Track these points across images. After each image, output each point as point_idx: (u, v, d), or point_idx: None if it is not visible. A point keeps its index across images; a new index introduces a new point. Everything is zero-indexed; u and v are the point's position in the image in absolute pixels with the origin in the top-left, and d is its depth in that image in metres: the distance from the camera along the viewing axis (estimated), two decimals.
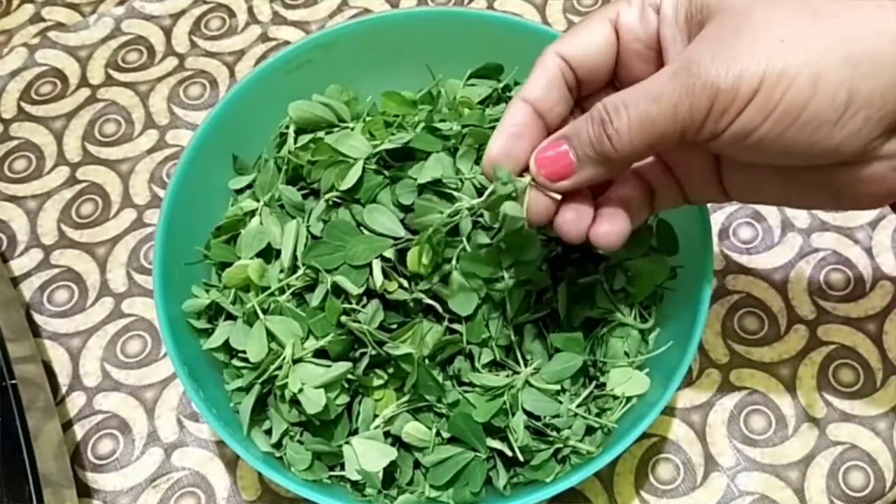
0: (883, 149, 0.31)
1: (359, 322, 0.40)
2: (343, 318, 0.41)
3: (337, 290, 0.41)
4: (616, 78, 0.36)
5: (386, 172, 0.43)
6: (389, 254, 0.41)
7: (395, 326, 0.41)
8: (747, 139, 0.30)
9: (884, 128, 0.30)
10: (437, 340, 0.41)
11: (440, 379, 0.41)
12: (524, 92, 0.35)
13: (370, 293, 0.41)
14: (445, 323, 0.41)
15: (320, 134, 0.47)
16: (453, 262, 0.40)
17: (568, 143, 0.33)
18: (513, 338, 0.42)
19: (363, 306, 0.41)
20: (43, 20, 0.65)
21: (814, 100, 0.29)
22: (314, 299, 0.41)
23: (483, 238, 0.40)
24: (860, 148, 0.30)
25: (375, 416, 0.42)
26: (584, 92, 0.36)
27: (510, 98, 0.44)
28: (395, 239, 0.41)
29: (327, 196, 0.43)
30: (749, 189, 0.36)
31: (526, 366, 0.42)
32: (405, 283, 0.41)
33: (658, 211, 0.38)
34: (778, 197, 0.36)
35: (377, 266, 0.40)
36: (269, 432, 0.43)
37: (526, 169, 0.35)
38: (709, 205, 0.43)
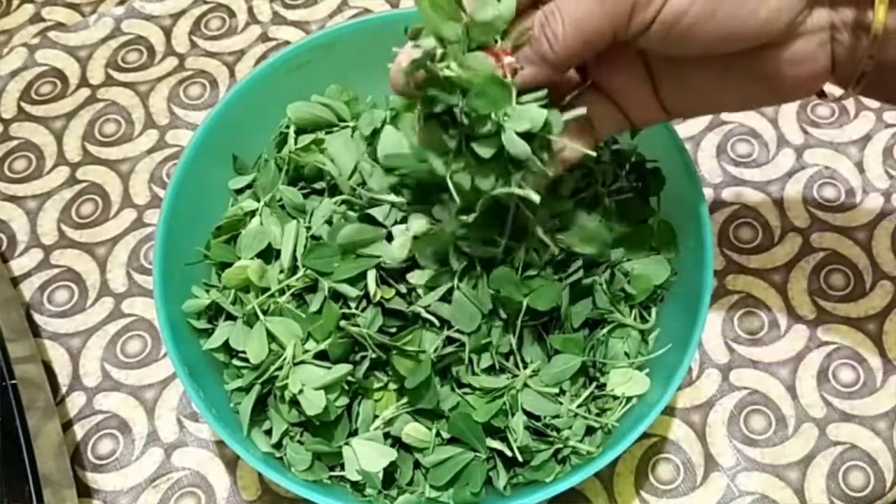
0: (807, 23, 0.32)
1: (358, 326, 0.40)
2: (342, 323, 0.41)
3: (336, 294, 0.41)
4: None
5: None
6: (372, 274, 0.41)
7: (394, 331, 0.41)
8: (678, 25, 0.31)
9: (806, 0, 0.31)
10: (436, 349, 0.41)
11: (438, 385, 0.41)
12: (399, 59, 0.36)
13: (369, 298, 0.41)
14: (445, 332, 0.41)
15: (320, 134, 0.47)
16: (455, 280, 0.40)
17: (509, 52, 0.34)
18: (513, 342, 0.42)
19: (362, 310, 0.41)
20: (43, 20, 0.65)
21: None
22: (313, 304, 0.41)
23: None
24: (787, 22, 0.31)
25: (375, 416, 0.42)
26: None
27: None
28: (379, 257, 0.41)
29: (335, 199, 0.43)
30: (687, 98, 0.37)
31: (525, 368, 0.42)
32: (403, 290, 0.41)
33: (601, 138, 0.39)
34: (716, 100, 0.37)
35: (371, 276, 0.40)
36: (269, 432, 0.43)
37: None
38: (709, 204, 0.43)
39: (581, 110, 0.34)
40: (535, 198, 0.34)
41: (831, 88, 0.36)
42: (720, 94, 0.36)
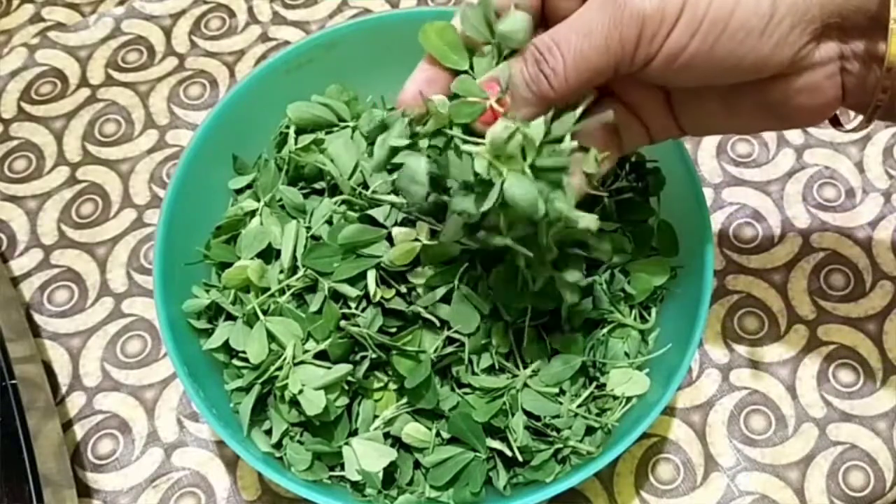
0: (814, 56, 0.31)
1: (358, 326, 0.40)
2: (342, 323, 0.41)
3: (336, 294, 0.41)
4: (543, 17, 0.36)
5: None
6: (372, 274, 0.41)
7: (394, 331, 0.41)
8: (679, 59, 0.31)
9: (811, 34, 0.31)
10: (437, 349, 0.41)
11: (438, 385, 0.41)
12: (401, 95, 0.35)
13: (369, 298, 0.41)
14: (445, 332, 0.41)
15: (321, 134, 0.47)
16: (455, 281, 0.40)
17: (499, 85, 0.33)
18: (513, 342, 0.42)
19: (362, 310, 0.41)
20: (43, 20, 0.65)
21: (738, 9, 0.30)
22: (313, 304, 0.41)
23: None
24: (790, 56, 0.31)
25: (375, 416, 0.42)
26: None
27: None
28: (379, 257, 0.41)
29: (335, 199, 0.43)
30: (699, 121, 0.37)
31: (525, 368, 0.42)
32: (403, 290, 0.41)
33: (627, 151, 0.38)
34: (725, 124, 0.36)
35: (371, 276, 0.40)
36: (269, 432, 0.43)
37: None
38: (709, 204, 0.43)
39: (608, 114, 0.34)
40: (593, 225, 0.33)
41: (844, 114, 0.35)
42: (731, 120, 0.36)
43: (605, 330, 0.43)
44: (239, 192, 0.49)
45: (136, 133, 0.59)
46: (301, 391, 0.40)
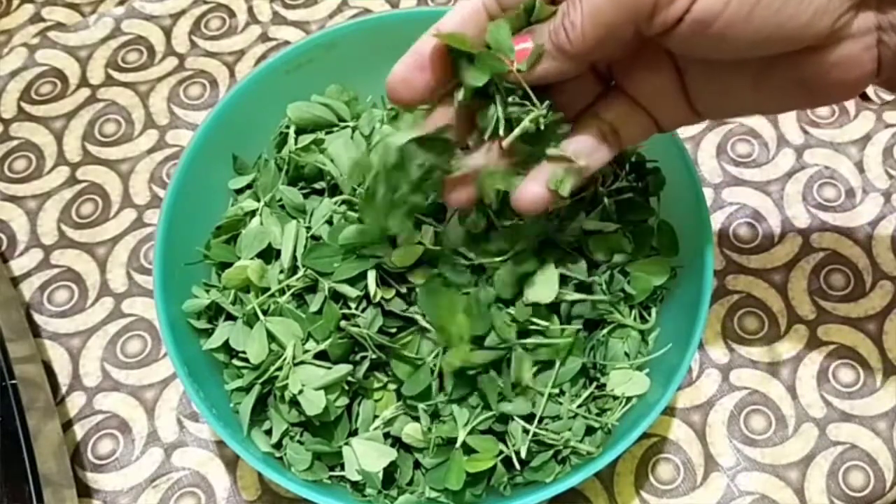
0: (852, 27, 0.30)
1: (358, 326, 0.40)
2: (342, 323, 0.41)
3: (336, 295, 0.41)
4: None
5: None
6: (372, 274, 0.41)
7: (394, 331, 0.41)
8: (711, 27, 0.29)
9: (850, 2, 0.30)
10: (436, 355, 0.41)
11: (434, 386, 0.41)
12: (439, 24, 0.34)
13: (369, 298, 0.41)
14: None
15: (321, 134, 0.47)
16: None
17: (531, 38, 0.33)
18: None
19: (362, 311, 0.41)
20: (43, 20, 0.65)
21: None
22: (313, 304, 0.41)
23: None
24: (829, 25, 0.30)
25: (375, 416, 0.42)
26: None
27: None
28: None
29: (335, 199, 0.43)
30: (719, 102, 0.35)
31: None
32: (403, 290, 0.41)
33: (626, 146, 0.37)
34: (750, 103, 0.35)
35: (371, 276, 0.40)
36: (269, 432, 0.43)
37: (422, 101, 0.35)
38: (709, 204, 0.43)
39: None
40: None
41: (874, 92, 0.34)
42: (755, 98, 0.34)
43: (605, 330, 0.43)
44: (239, 192, 0.49)
45: (136, 133, 0.59)
46: (301, 391, 0.40)
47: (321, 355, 0.41)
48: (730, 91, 0.34)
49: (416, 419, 0.42)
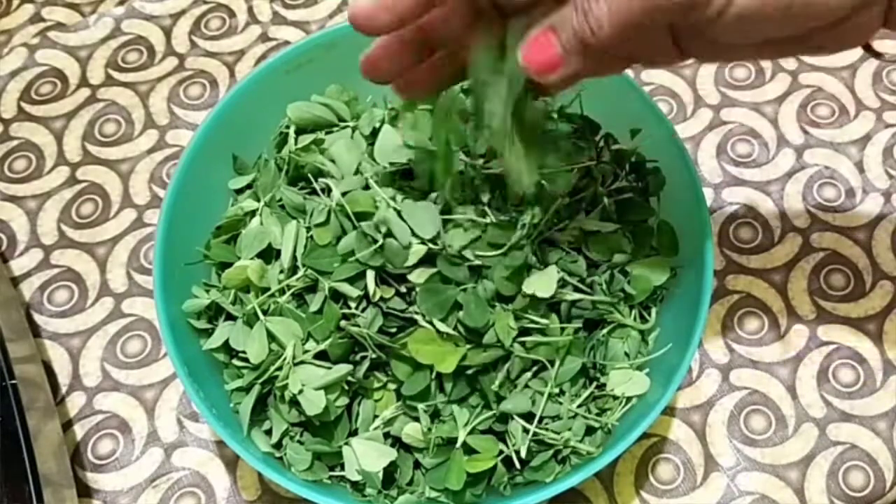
0: None
1: (358, 326, 0.40)
2: (342, 323, 0.41)
3: (336, 294, 0.41)
4: None
5: None
6: (371, 274, 0.41)
7: (394, 331, 0.41)
8: (753, 16, 0.29)
9: None
10: None
11: (433, 386, 0.41)
12: None
13: (369, 298, 0.41)
14: None
15: (321, 134, 0.47)
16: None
17: (554, 35, 0.31)
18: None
19: (362, 311, 0.41)
20: (43, 20, 0.65)
21: None
22: (313, 304, 0.41)
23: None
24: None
25: (375, 416, 0.42)
26: None
27: None
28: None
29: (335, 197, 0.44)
30: (712, 52, 0.34)
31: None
32: (402, 290, 0.41)
33: (601, 75, 0.35)
34: (746, 57, 0.34)
35: (371, 276, 0.40)
36: (269, 432, 0.43)
37: (408, 20, 0.33)
38: (709, 204, 0.43)
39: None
40: None
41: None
42: (755, 54, 0.33)
43: (605, 330, 0.43)
44: (239, 192, 0.49)
45: (136, 133, 0.59)
46: (301, 391, 0.40)
47: (321, 355, 0.41)
48: (730, 49, 0.34)
49: (416, 419, 0.42)
